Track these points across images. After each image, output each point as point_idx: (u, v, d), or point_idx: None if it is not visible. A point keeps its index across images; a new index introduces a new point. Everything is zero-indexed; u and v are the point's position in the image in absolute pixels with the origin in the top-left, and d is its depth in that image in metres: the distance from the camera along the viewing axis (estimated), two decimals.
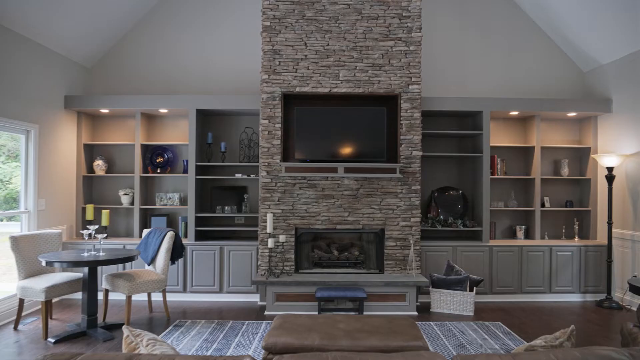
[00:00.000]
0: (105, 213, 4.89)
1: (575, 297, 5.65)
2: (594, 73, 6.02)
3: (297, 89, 5.40)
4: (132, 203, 5.89)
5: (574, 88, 6.23)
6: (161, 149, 6.01)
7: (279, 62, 5.40)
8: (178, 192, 6.01)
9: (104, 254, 4.34)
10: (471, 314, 5.04)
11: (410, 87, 5.41)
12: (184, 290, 5.56)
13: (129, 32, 6.16)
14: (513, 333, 4.39)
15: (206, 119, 6.07)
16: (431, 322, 4.73)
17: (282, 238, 5.25)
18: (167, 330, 4.43)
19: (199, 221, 5.76)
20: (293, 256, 5.39)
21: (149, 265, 4.93)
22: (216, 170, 6.04)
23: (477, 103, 5.65)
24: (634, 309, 5.22)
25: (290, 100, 5.61)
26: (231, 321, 4.72)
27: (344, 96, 5.52)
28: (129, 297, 4.42)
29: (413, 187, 5.41)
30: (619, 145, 5.52)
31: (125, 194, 5.86)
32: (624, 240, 5.40)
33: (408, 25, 5.42)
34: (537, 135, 5.86)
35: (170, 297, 5.48)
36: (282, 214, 5.40)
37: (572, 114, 5.82)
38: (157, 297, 5.40)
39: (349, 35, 5.40)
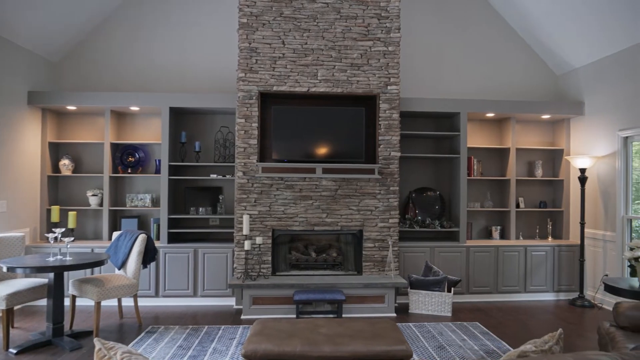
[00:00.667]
0: (72, 215, 4.66)
1: (549, 296, 5.74)
2: (567, 76, 6.14)
3: (275, 88, 5.29)
4: (100, 204, 5.65)
5: (547, 91, 6.34)
6: (132, 148, 5.79)
7: (256, 60, 5.28)
8: (150, 193, 5.80)
9: (70, 258, 4.12)
10: (449, 314, 5.04)
11: (388, 87, 5.38)
12: (157, 294, 5.37)
13: (99, 25, 5.91)
14: (491, 333, 4.40)
15: (180, 118, 5.89)
16: (410, 324, 4.70)
17: (258, 240, 5.13)
18: (140, 337, 4.25)
19: (172, 223, 5.57)
20: (270, 258, 5.28)
21: (119, 269, 4.72)
22: (190, 170, 5.86)
23: (455, 104, 5.68)
24: (606, 307, 5.33)
25: (267, 100, 5.49)
26: (206, 326, 4.57)
27: (322, 96, 5.45)
28: (98, 303, 4.21)
29: (391, 188, 5.38)
30: (591, 147, 5.64)
31: (93, 195, 5.62)
32: (596, 240, 5.52)
33: (387, 25, 5.39)
34: (513, 136, 5.93)
35: (142, 302, 5.28)
36: (258, 216, 5.28)
37: (546, 116, 5.92)
38: (128, 302, 5.18)
39: (328, 35, 5.33)
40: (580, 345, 4.12)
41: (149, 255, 4.73)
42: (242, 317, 4.91)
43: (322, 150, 5.34)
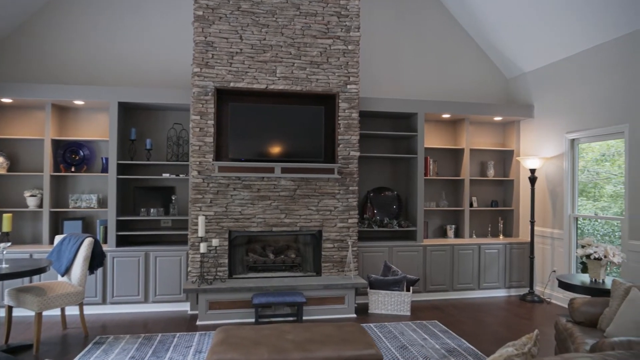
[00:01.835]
0: (7, 217, 4.24)
1: (501, 292, 5.93)
2: (517, 80, 6.37)
3: (232, 84, 5.10)
4: (40, 206, 5.22)
5: (499, 93, 6.55)
6: (76, 145, 5.39)
7: (212, 54, 5.06)
8: (96, 193, 5.43)
9: (6, 265, 3.76)
10: (408, 313, 5.08)
11: (348, 86, 5.34)
12: (104, 301, 5.03)
13: (40, 11, 5.45)
14: (450, 331, 4.47)
15: (130, 113, 5.55)
16: (371, 324, 4.68)
17: (215, 242, 4.93)
18: (87, 349, 3.94)
19: (120, 225, 5.24)
20: (227, 261, 5.09)
21: (62, 276, 4.37)
22: (140, 169, 5.54)
23: (413, 105, 5.73)
24: (554, 301, 5.58)
25: (224, 96, 5.29)
26: (160, 334, 4.32)
27: (281, 94, 5.32)
28: (39, 314, 3.86)
29: (351, 188, 5.35)
30: (540, 148, 5.88)
31: (31, 196, 5.18)
32: (544, 237, 5.76)
33: (347, 24, 5.34)
34: (467, 137, 6.08)
35: (88, 311, 4.92)
36: (214, 217, 5.07)
37: (498, 118, 6.11)
38: (72, 310, 4.82)
39: (287, 31, 5.21)
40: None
41: (97, 260, 4.41)
42: (198, 322, 4.70)
43: (281, 150, 5.22)
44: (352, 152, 5.35)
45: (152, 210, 5.33)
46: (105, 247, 5.02)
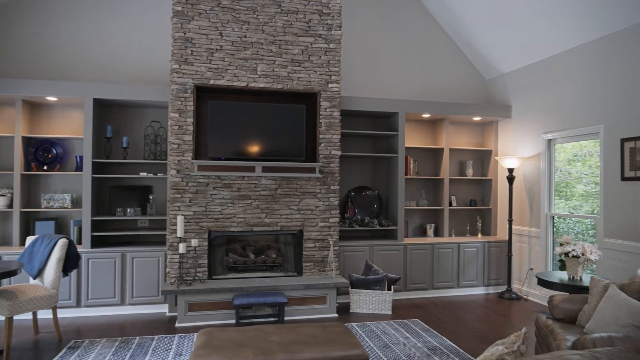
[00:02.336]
0: None
1: (480, 290, 6.01)
2: (496, 81, 6.47)
3: (212, 82, 5.01)
4: (10, 205, 5.01)
5: (478, 94, 6.64)
6: (49, 143, 5.20)
7: (192, 51, 4.96)
8: (70, 192, 5.25)
9: None
10: (389, 312, 5.09)
11: (329, 85, 5.32)
12: (78, 304, 4.87)
13: (10, 2, 5.23)
14: (432, 329, 4.49)
15: (105, 110, 5.39)
16: (353, 324, 4.67)
17: (194, 242, 4.84)
18: (60, 354, 3.80)
19: (95, 225, 5.09)
20: (206, 261, 5.00)
21: (34, 278, 4.20)
22: (117, 168, 5.39)
23: (394, 104, 5.74)
24: (531, 298, 5.68)
25: (203, 94, 5.20)
26: (138, 337, 4.20)
27: (262, 91, 5.25)
28: (9, 319, 3.70)
29: (332, 187, 5.33)
30: (517, 148, 5.98)
31: (1, 195, 4.97)
32: (522, 236, 5.86)
33: (328, 22, 5.31)
34: (446, 137, 6.13)
35: (62, 314, 4.76)
36: (194, 216, 4.98)
37: (477, 118, 6.19)
38: (45, 314, 4.65)
39: (268, 28, 5.14)
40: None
41: (71, 262, 4.26)
42: (177, 325, 4.59)
43: (261, 148, 5.15)
44: (334, 151, 5.33)
45: (128, 210, 5.19)
46: (79, 249, 4.86)
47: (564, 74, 5.23)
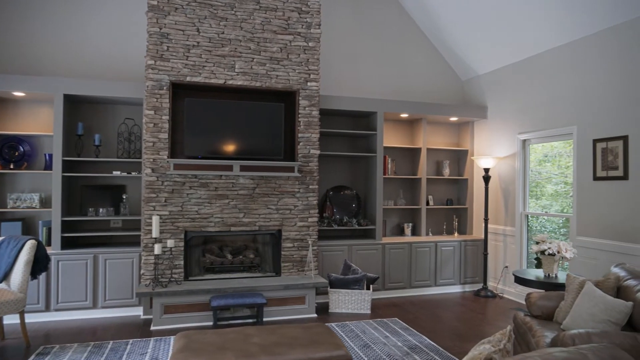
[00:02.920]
0: None
1: (457, 289, 6.08)
2: (472, 82, 6.56)
3: (188, 79, 4.90)
4: None
5: (454, 95, 6.72)
6: (15, 140, 4.98)
7: (168, 47, 4.84)
8: (38, 192, 5.05)
9: None
10: (368, 311, 5.09)
11: (309, 83, 5.28)
12: (47, 308, 4.68)
13: None
14: (411, 328, 4.51)
15: (76, 107, 5.21)
16: (332, 324, 4.64)
17: (170, 243, 4.72)
18: None
19: (66, 226, 4.90)
20: (182, 262, 4.89)
21: (0, 282, 4.01)
22: (88, 166, 5.21)
23: (373, 104, 5.75)
24: (506, 296, 5.78)
25: (179, 91, 5.09)
26: (111, 341, 4.07)
27: (240, 89, 5.17)
28: None
29: (311, 187, 5.29)
30: (493, 148, 6.08)
31: None
32: (497, 234, 5.96)
33: (307, 20, 5.27)
34: (424, 137, 6.18)
35: (30, 319, 4.57)
36: (169, 216, 4.86)
37: (453, 119, 6.26)
38: (11, 319, 4.45)
39: (246, 25, 5.07)
40: (492, 333, 4.38)
41: (40, 264, 4.09)
42: (153, 328, 4.47)
43: (239, 147, 5.07)
44: (313, 150, 5.29)
45: (101, 210, 5.03)
46: (49, 250, 4.67)
47: (538, 76, 5.34)
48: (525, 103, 5.53)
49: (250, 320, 4.69)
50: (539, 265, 4.21)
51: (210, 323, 4.62)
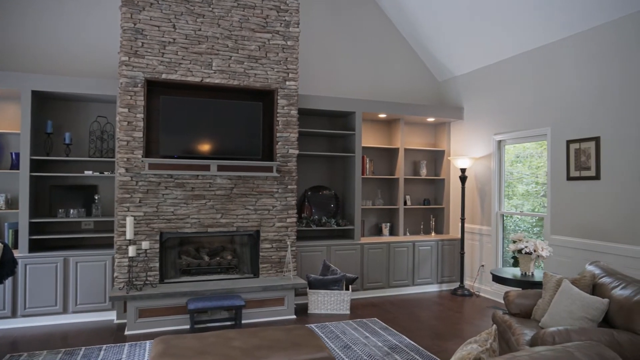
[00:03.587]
0: None
1: (434, 288, 6.13)
2: (448, 83, 6.63)
3: (164, 76, 4.78)
4: None
5: (431, 96, 6.78)
6: None
7: (142, 43, 4.71)
8: (4, 192, 4.82)
9: None
10: (348, 312, 5.07)
11: (287, 83, 5.23)
12: (14, 314, 4.48)
13: None
14: (390, 328, 4.51)
15: (45, 104, 5.00)
16: (312, 325, 4.60)
17: (145, 245, 4.59)
18: None
19: (34, 228, 4.71)
20: (158, 265, 4.76)
21: None
22: (58, 166, 5.02)
23: (351, 104, 5.74)
24: (482, 294, 5.86)
25: (155, 88, 4.96)
26: (83, 348, 3.92)
27: (217, 88, 5.08)
28: None
29: (289, 187, 5.24)
30: (469, 149, 6.16)
31: None
32: (473, 234, 6.04)
33: (286, 19, 5.22)
34: (401, 137, 6.21)
35: None
36: (144, 217, 4.72)
37: (430, 119, 6.31)
38: None
39: (224, 22, 4.98)
40: (471, 331, 4.43)
41: (6, 268, 3.88)
42: (127, 332, 4.33)
43: (217, 146, 4.98)
44: (291, 150, 5.25)
45: (71, 211, 4.85)
46: (16, 253, 4.47)
47: (513, 78, 5.44)
48: (501, 104, 5.62)
49: (229, 323, 4.61)
50: (515, 264, 4.27)
51: (187, 326, 4.52)
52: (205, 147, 4.94)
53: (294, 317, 4.92)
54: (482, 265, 5.86)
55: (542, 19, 4.76)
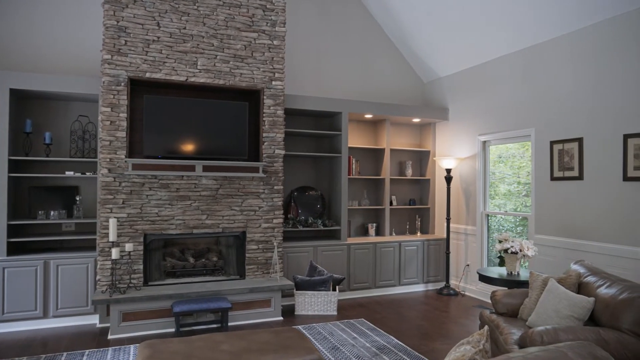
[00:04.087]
0: None
1: (420, 287, 6.16)
2: (433, 84, 6.67)
3: (148, 75, 4.69)
4: None
5: (417, 96, 6.81)
6: None
7: (126, 41, 4.62)
8: None
9: None
10: (335, 313, 5.05)
11: (273, 82, 5.19)
12: None
13: None
14: (378, 328, 4.51)
15: (24, 103, 4.87)
16: (299, 326, 4.57)
17: (128, 247, 4.50)
18: None
19: (12, 230, 4.57)
20: (142, 267, 4.67)
21: None
22: (38, 166, 4.89)
23: (337, 104, 5.73)
24: (468, 294, 5.91)
25: (138, 87, 4.87)
26: (65, 353, 3.82)
27: (202, 87, 5.01)
28: None
29: (276, 187, 5.20)
30: (454, 149, 6.20)
31: None
32: (459, 233, 6.09)
33: (272, 18, 5.18)
34: (387, 138, 6.22)
35: None
36: (127, 219, 4.63)
37: (416, 120, 6.34)
38: None
39: (209, 21, 4.92)
40: (457, 331, 4.46)
41: None
42: (110, 337, 4.24)
43: (202, 147, 4.91)
44: (278, 151, 5.21)
45: (52, 212, 4.72)
46: None
47: (497, 79, 5.50)
48: (485, 105, 5.68)
49: (215, 326, 4.55)
50: (502, 263, 4.31)
51: (173, 330, 4.45)
52: (190, 147, 4.87)
53: (281, 318, 4.88)
54: (468, 265, 5.90)
55: (524, 22, 4.81)
